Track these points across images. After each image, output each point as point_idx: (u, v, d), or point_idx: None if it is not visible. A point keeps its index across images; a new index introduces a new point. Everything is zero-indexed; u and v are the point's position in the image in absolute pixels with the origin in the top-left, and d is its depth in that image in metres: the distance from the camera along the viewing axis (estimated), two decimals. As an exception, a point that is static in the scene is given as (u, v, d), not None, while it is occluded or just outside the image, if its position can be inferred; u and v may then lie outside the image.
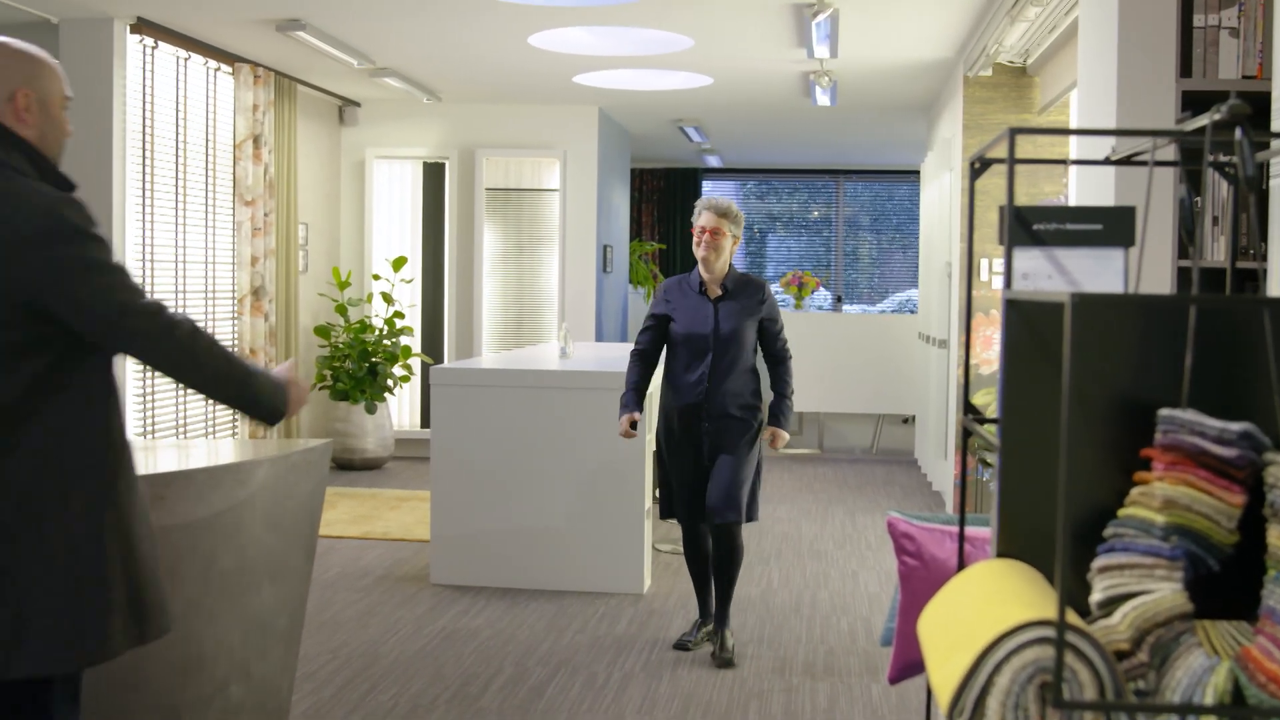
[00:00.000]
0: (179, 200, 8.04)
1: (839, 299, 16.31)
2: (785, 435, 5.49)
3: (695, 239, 5.47)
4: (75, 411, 2.67)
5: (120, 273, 2.68)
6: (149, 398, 7.67)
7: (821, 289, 15.55)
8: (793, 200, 16.80)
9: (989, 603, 2.10)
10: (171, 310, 2.75)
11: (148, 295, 2.74)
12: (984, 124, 8.09)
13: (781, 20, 7.27)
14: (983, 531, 3.12)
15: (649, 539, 6.64)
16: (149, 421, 7.66)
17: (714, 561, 5.51)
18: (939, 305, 9.06)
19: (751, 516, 5.47)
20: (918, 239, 15.40)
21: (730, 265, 5.52)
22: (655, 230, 16.19)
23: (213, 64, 8.40)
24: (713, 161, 15.59)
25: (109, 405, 2.75)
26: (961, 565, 2.87)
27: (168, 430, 7.90)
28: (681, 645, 5.56)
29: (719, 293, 5.47)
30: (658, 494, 5.55)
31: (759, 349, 5.57)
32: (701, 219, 5.46)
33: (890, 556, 7.32)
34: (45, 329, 2.63)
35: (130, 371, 7.48)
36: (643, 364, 5.58)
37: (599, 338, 11.16)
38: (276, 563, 3.99)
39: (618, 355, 8.03)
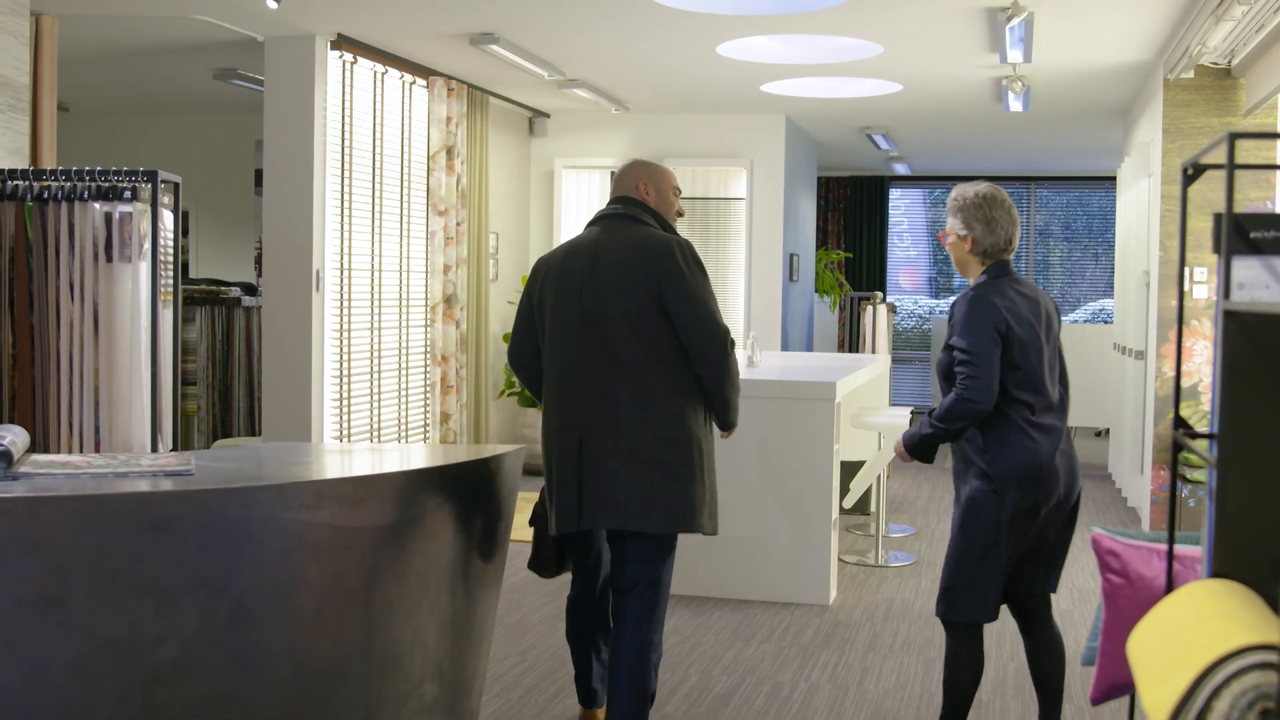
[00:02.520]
0: (375, 210, 8.26)
1: (1029, 308, 15.93)
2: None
3: None
4: None
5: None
6: (345, 403, 7.89)
7: (1011, 298, 15.19)
8: (982, 208, 16.48)
9: (1206, 624, 2.02)
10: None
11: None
12: (1185, 128, 7.83)
13: (973, 25, 7.14)
14: (1190, 550, 3.02)
15: (835, 549, 6.59)
16: (345, 426, 7.89)
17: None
18: (1136, 315, 8.78)
19: None
20: (1112, 247, 15.00)
21: (991, 270, 4.17)
22: (841, 239, 16.07)
23: (408, 78, 8.61)
24: (900, 169, 15.41)
25: None
26: (1170, 584, 2.77)
27: (363, 435, 8.12)
28: None
29: None
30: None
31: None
32: None
33: (1082, 572, 7.12)
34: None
35: (328, 377, 7.71)
36: None
37: (784, 347, 11.11)
38: (469, 565, 4.07)
39: (804, 364, 7.98)
